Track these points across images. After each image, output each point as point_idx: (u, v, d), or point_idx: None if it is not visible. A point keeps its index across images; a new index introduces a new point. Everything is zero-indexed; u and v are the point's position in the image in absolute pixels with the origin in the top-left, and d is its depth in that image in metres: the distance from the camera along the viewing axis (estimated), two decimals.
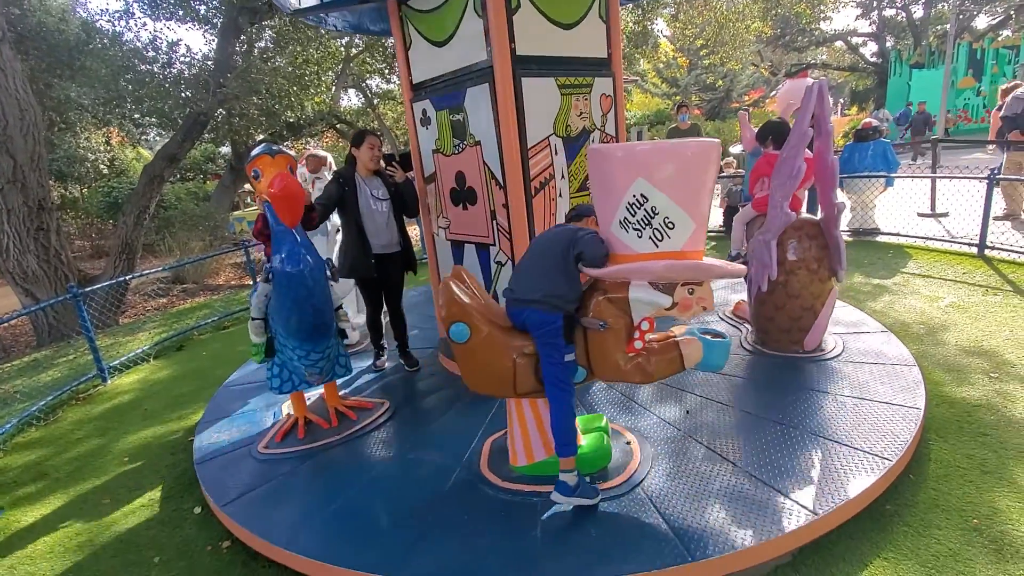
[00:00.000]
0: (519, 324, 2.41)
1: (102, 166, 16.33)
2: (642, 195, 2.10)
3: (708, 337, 2.31)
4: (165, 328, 6.96)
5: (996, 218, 6.39)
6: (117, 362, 5.61)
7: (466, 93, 3.52)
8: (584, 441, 2.67)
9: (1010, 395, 3.16)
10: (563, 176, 3.71)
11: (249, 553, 2.67)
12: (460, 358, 2.45)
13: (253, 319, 3.18)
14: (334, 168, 5.35)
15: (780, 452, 2.68)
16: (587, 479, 2.51)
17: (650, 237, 2.14)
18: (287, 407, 3.83)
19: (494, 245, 3.69)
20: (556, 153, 3.64)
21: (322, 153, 5.55)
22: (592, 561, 2.15)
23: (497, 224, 3.63)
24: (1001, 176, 5.80)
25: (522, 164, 3.40)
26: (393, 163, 3.97)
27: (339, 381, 3.76)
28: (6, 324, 7.26)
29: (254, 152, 3.00)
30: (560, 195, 3.72)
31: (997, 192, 6.30)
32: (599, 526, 2.33)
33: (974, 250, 5.66)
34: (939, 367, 3.56)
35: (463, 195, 3.82)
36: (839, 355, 3.58)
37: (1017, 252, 5.35)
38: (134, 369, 5.65)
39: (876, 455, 2.55)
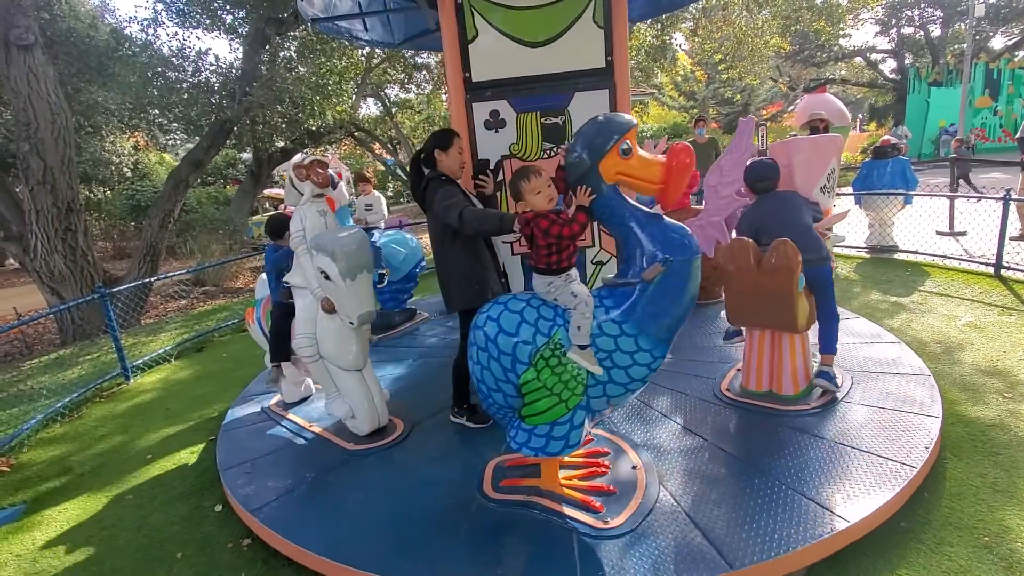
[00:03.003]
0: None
1: (126, 169, 16.71)
2: (833, 168, 3.50)
3: None
4: (186, 329, 7.10)
5: (1012, 239, 6.34)
6: (140, 361, 5.74)
7: (573, 97, 3.58)
8: None
9: (1023, 415, 3.15)
10: None
11: (269, 551, 2.73)
12: (799, 304, 3.10)
13: (584, 347, 2.34)
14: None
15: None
16: None
17: (829, 195, 3.51)
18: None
19: (592, 246, 3.82)
20: None
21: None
22: None
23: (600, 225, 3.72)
24: (1016, 197, 5.76)
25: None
26: (488, 170, 3.36)
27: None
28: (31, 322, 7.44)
29: (623, 121, 2.37)
30: None
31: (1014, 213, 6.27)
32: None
33: (991, 270, 5.62)
34: (955, 386, 3.55)
35: None
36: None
37: None
38: (156, 369, 5.78)
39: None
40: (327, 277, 3.09)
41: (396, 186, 22.28)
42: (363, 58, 11.81)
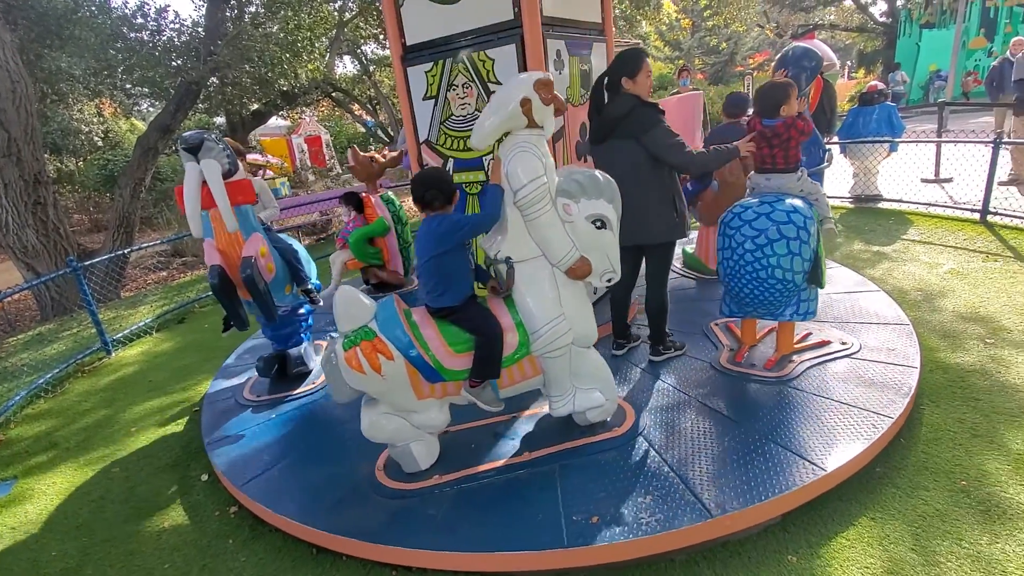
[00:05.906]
0: None
1: (96, 138, 16.13)
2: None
3: None
4: (166, 301, 6.99)
5: (1001, 183, 6.32)
6: (120, 335, 5.66)
7: (592, 46, 3.66)
8: None
9: (1004, 360, 3.18)
10: None
11: (256, 518, 2.75)
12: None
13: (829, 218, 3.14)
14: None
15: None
16: None
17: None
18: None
19: None
20: None
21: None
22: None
23: None
24: (1008, 140, 5.70)
25: None
26: None
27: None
28: (10, 299, 7.30)
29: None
30: None
31: (1004, 157, 6.21)
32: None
33: (977, 216, 5.61)
34: (935, 333, 3.58)
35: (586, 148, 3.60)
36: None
37: (1019, 217, 5.31)
38: (137, 342, 5.70)
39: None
40: (601, 226, 2.40)
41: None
42: (335, 12, 11.28)
